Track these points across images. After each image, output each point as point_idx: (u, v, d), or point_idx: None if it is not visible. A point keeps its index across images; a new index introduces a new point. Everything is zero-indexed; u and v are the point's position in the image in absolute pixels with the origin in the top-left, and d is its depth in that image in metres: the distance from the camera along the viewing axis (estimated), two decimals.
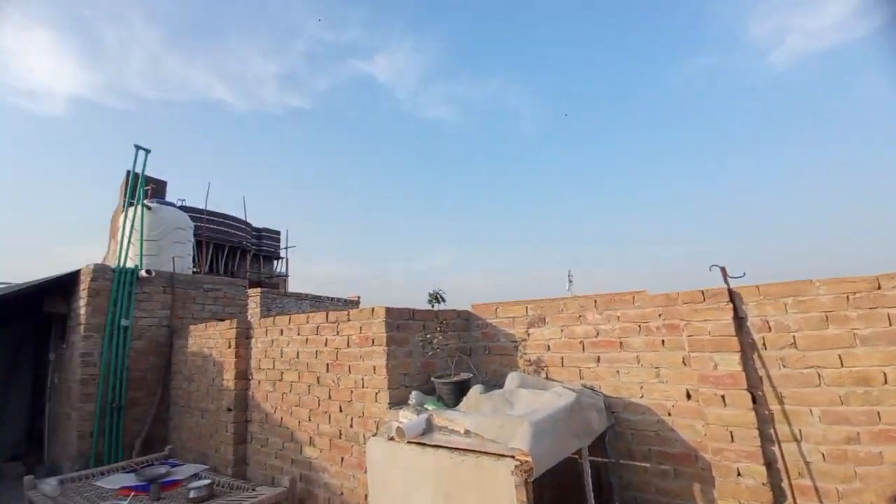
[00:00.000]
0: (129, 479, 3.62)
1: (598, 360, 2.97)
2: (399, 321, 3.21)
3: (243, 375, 4.20)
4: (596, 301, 3.08)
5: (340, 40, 57.01)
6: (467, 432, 2.38)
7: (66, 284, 5.69)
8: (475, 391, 2.84)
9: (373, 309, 3.23)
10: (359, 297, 12.83)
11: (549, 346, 3.23)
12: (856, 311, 2.14)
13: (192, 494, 3.18)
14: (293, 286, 22.99)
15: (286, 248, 22.19)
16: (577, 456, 2.51)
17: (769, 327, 2.37)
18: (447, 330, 3.41)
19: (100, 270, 5.29)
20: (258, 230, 22.16)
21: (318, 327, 3.62)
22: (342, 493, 3.15)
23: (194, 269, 17.35)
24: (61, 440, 5.22)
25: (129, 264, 5.95)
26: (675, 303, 2.71)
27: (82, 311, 5.16)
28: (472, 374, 3.12)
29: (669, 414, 2.65)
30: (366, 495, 2.82)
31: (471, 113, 66.75)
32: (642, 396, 2.76)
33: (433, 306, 3.23)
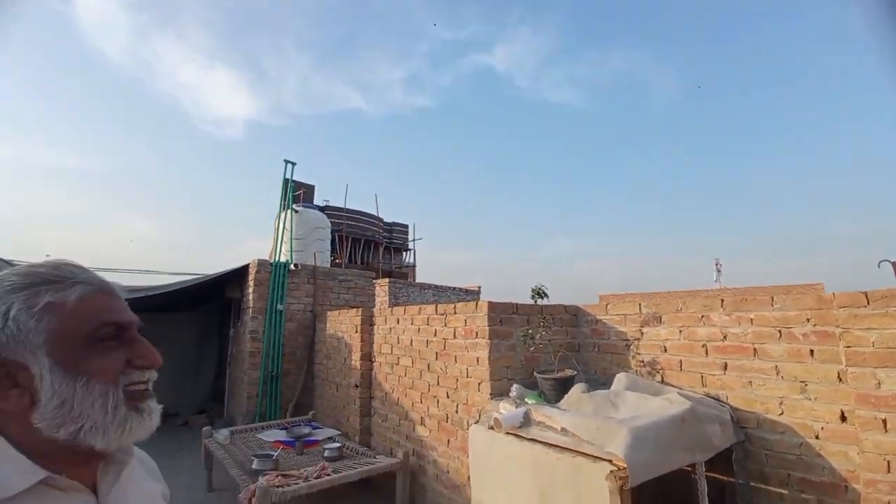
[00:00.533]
0: (281, 435, 4.38)
1: (726, 367, 2.63)
2: (502, 315, 3.26)
3: (367, 357, 4.71)
4: (723, 300, 2.72)
5: (460, 37, 58.48)
6: (564, 430, 2.35)
7: (240, 275, 7.02)
8: (577, 389, 2.76)
9: (477, 303, 3.35)
10: (479, 287, 13.18)
11: (665, 348, 2.96)
12: None
13: (326, 453, 3.72)
14: (420, 275, 24.59)
15: (414, 240, 23.79)
16: (691, 469, 2.29)
17: None
18: (552, 325, 3.36)
19: (262, 265, 6.41)
20: (389, 224, 24.15)
21: (428, 318, 3.88)
22: (448, 472, 3.36)
23: (335, 261, 19.70)
24: (235, 399, 6.52)
25: (283, 259, 7.07)
26: (830, 306, 2.26)
27: (250, 296, 6.32)
28: (576, 372, 3.03)
29: (817, 437, 2.23)
30: (468, 477, 2.97)
31: (597, 92, 62.55)
32: (782, 413, 2.37)
33: (535, 301, 3.22)
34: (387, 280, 10.86)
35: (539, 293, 3.15)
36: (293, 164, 7.44)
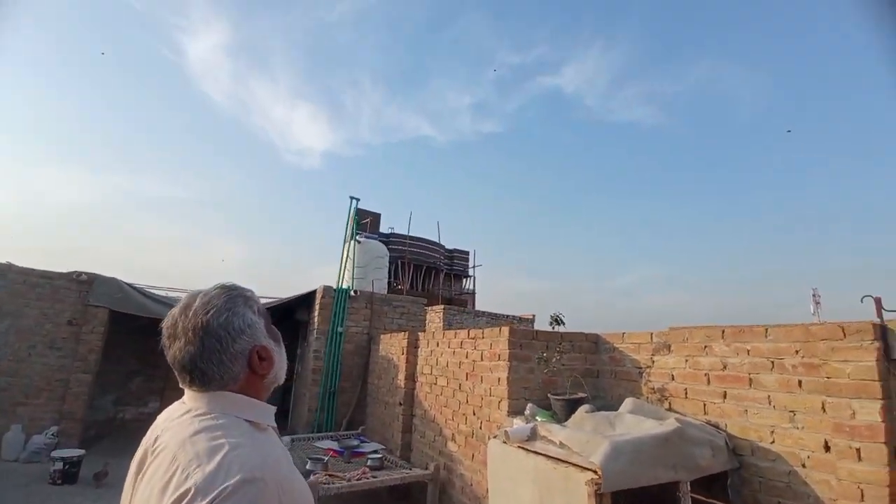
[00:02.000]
0: (334, 445, 5.00)
1: (725, 395, 2.81)
2: (522, 340, 3.65)
3: (411, 377, 5.24)
4: (724, 331, 2.92)
5: (527, 60, 59.79)
6: (561, 444, 2.69)
7: (309, 299, 7.96)
8: (581, 410, 3.06)
9: (500, 328, 3.77)
10: (533, 316, 13.30)
11: (673, 376, 3.17)
12: None
13: (368, 462, 4.26)
14: (480, 302, 24.97)
15: (474, 266, 24.37)
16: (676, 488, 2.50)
17: None
18: (569, 351, 3.67)
19: (327, 290, 7.27)
20: (450, 251, 25.00)
21: (462, 342, 4.35)
22: (472, 485, 3.73)
23: (398, 287, 20.63)
24: (298, 412, 7.32)
25: (345, 285, 7.92)
26: (815, 338, 2.42)
27: (316, 318, 7.18)
28: (586, 395, 3.32)
29: (804, 465, 2.36)
30: (487, 489, 3.33)
31: (673, 108, 60.21)
32: (773, 442, 2.52)
33: (553, 328, 3.57)
34: (442, 307, 11.42)
35: (556, 320, 3.51)
36: (357, 199, 8.38)
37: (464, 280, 24.81)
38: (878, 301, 2.22)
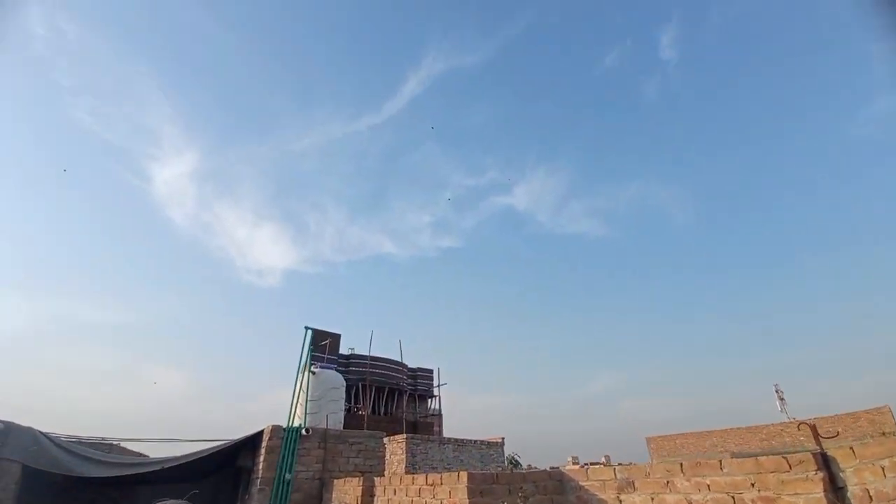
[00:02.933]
0: None
1: None
2: (482, 486, 3.41)
3: None
4: (682, 465, 2.87)
5: (481, 183, 65.41)
6: None
7: (254, 442, 7.22)
8: None
9: (458, 474, 3.52)
10: (502, 439, 12.55)
11: None
12: None
13: None
14: (448, 424, 23.41)
15: (439, 385, 23.33)
16: None
17: (870, 497, 1.98)
18: (533, 493, 3.44)
19: (275, 431, 6.67)
20: (413, 370, 24.01)
21: (420, 489, 3.99)
22: None
23: (358, 412, 19.23)
24: None
25: (297, 421, 7.32)
26: (765, 470, 2.43)
27: (261, 465, 6.44)
28: None
29: None
30: None
31: (614, 221, 66.01)
32: None
33: (511, 471, 3.38)
34: (405, 437, 10.63)
35: (513, 462, 3.34)
36: (312, 329, 8.20)
37: (429, 400, 23.50)
38: (813, 428, 2.31)
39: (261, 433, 6.97)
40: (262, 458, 6.50)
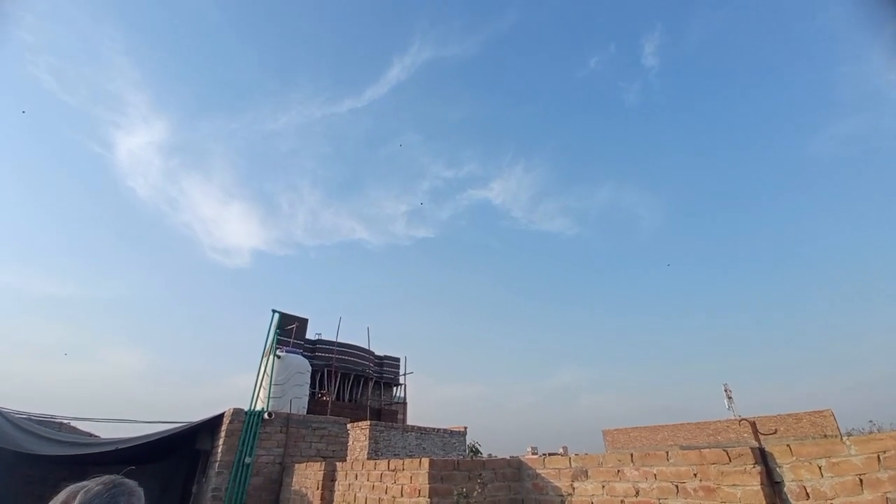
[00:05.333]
0: None
1: None
2: (443, 472, 3.47)
3: None
4: (632, 455, 3.02)
5: (459, 175, 65.43)
6: None
7: (213, 425, 7.08)
8: None
9: (420, 460, 3.58)
10: (465, 429, 12.74)
11: (592, 503, 3.14)
12: (886, 473, 1.90)
13: None
14: (412, 412, 23.59)
15: (405, 374, 23.42)
16: None
17: (807, 494, 2.15)
18: (492, 480, 3.53)
19: (236, 414, 6.55)
20: (380, 358, 24.00)
21: (381, 475, 4.03)
22: None
23: (322, 398, 19.09)
24: None
25: (260, 405, 7.21)
26: (707, 462, 2.58)
27: (220, 448, 6.33)
28: None
29: None
30: None
31: (586, 221, 67.43)
32: None
33: (472, 458, 3.46)
34: (368, 424, 10.65)
35: (474, 450, 3.42)
36: (279, 313, 8.05)
37: (394, 388, 23.60)
38: (753, 425, 2.47)
39: (221, 416, 6.84)
40: (221, 441, 6.39)
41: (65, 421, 8.14)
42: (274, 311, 7.95)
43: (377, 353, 23.58)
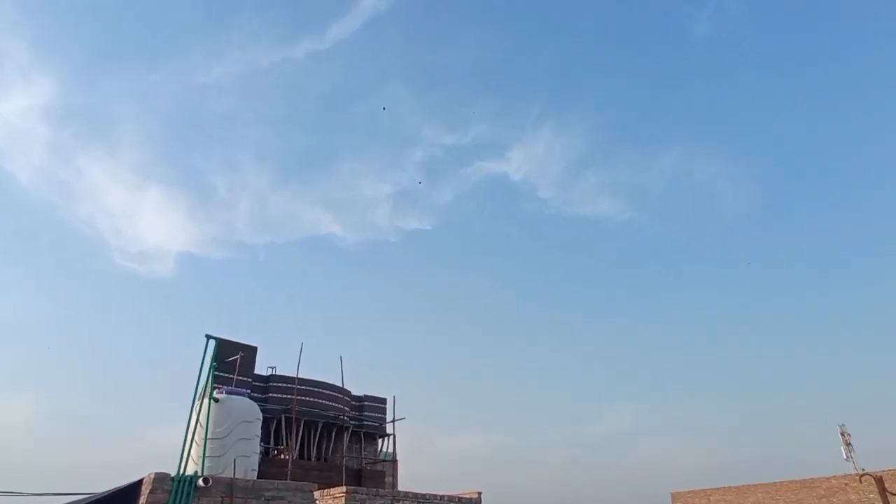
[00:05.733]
0: None
1: None
2: None
3: None
4: None
5: (464, 141, 65.07)
6: None
7: (129, 497, 7.08)
8: None
9: None
10: (479, 494, 12.78)
11: None
12: None
13: None
14: (405, 472, 23.60)
15: (394, 420, 23.43)
16: None
17: None
18: None
19: (159, 481, 6.57)
20: (359, 399, 24.00)
21: None
22: None
23: (280, 455, 19.14)
24: None
25: (192, 468, 7.23)
26: None
27: None
28: None
29: None
30: None
31: (643, 201, 67.08)
32: None
33: None
34: (343, 491, 10.67)
35: None
36: (217, 339, 8.06)
37: (380, 440, 23.61)
38: (880, 481, 2.43)
39: (139, 483, 6.87)
40: None
41: None
42: (209, 337, 7.94)
43: (354, 392, 23.63)
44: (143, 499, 6.55)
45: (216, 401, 8.10)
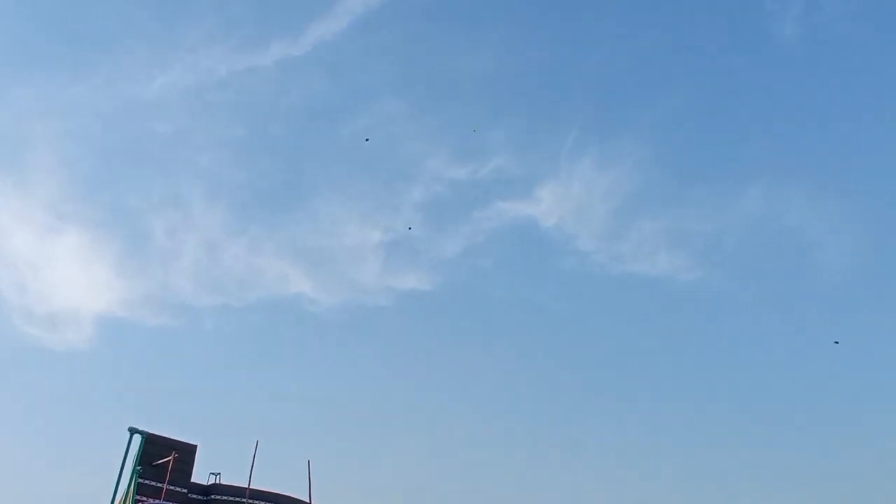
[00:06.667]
0: None
1: None
2: None
3: None
4: None
5: (479, 175, 55.30)
6: None
7: None
8: None
9: None
10: None
11: None
12: None
13: None
14: None
15: None
16: None
17: None
18: None
19: None
20: None
21: None
22: None
23: None
24: None
25: None
26: None
27: None
28: None
29: None
30: None
31: (717, 255, 57.26)
32: None
33: None
34: None
35: None
36: (144, 434, 6.71)
37: None
38: None
39: None
40: None
41: None
42: (134, 431, 6.57)
43: None
44: None
45: None
